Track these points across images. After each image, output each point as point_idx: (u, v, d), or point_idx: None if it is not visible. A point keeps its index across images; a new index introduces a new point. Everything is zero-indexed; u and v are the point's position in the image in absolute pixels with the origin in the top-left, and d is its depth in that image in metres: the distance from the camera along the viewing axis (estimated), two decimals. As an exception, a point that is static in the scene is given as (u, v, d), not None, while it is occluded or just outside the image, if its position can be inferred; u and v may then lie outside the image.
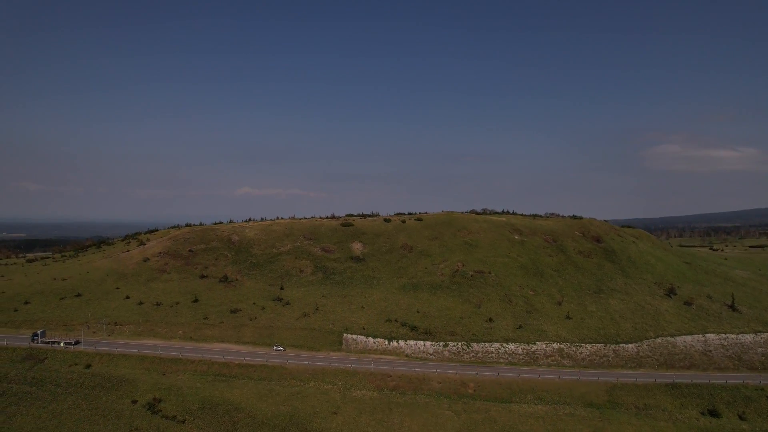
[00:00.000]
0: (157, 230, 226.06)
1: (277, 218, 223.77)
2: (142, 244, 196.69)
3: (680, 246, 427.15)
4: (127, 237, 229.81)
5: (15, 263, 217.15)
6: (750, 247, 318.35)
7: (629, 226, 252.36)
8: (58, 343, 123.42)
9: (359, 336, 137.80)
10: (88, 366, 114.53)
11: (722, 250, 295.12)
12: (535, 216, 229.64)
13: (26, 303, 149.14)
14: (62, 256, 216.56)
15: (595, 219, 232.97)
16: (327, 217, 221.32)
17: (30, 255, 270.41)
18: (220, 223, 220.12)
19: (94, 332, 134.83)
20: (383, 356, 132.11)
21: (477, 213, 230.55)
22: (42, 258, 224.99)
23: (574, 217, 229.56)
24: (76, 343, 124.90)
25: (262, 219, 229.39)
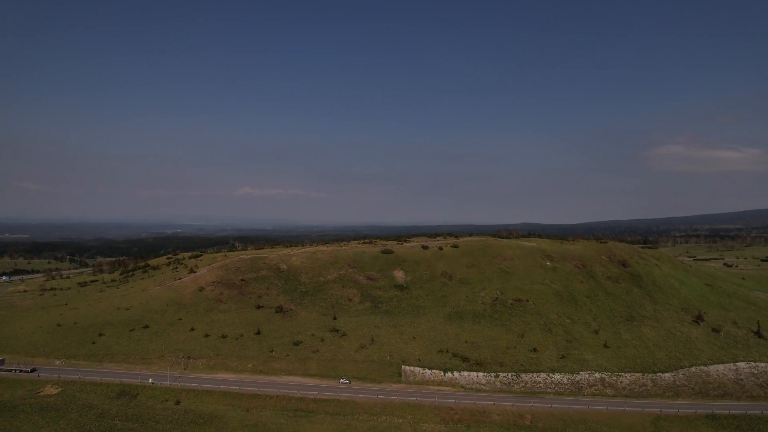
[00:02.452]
0: (201, 255, 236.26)
1: (320, 245, 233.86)
2: (192, 271, 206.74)
3: (691, 258, 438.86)
4: (170, 261, 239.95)
5: (69, 288, 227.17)
6: (762, 261, 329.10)
7: (648, 246, 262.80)
8: (16, 370, 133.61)
9: (416, 368, 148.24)
10: (178, 402, 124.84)
11: (737, 266, 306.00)
12: (562, 240, 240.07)
13: (100, 335, 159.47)
14: (113, 281, 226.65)
15: (618, 242, 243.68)
16: (364, 242, 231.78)
17: (69, 273, 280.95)
18: (263, 248, 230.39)
19: (170, 366, 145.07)
20: (440, 388, 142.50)
21: (503, 236, 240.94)
22: (92, 281, 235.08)
23: (599, 240, 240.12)
24: (32, 370, 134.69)
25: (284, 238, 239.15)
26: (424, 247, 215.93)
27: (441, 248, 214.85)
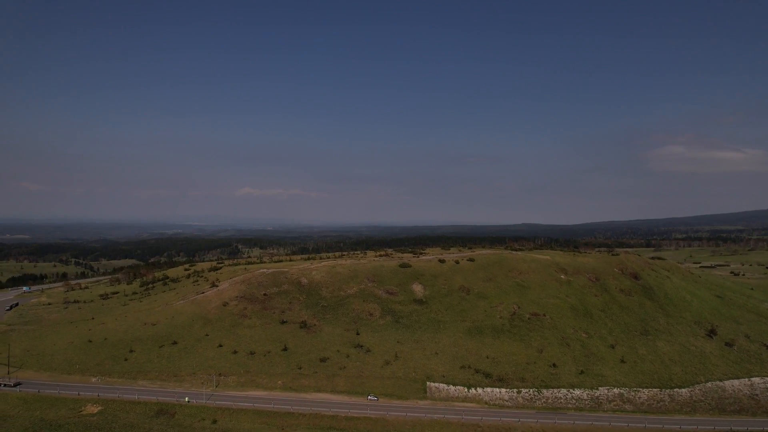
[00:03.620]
0: (220, 267, 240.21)
1: (339, 255, 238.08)
2: (214, 285, 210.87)
3: (696, 264, 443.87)
4: (189, 273, 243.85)
5: (92, 300, 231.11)
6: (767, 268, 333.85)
7: (659, 257, 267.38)
8: (2, 384, 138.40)
9: (441, 384, 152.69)
10: (215, 421, 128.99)
11: (743, 274, 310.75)
12: (574, 253, 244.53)
13: (131, 351, 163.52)
14: (134, 293, 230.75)
15: (629, 254, 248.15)
16: (380, 254, 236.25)
17: (87, 282, 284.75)
18: (281, 261, 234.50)
19: (202, 383, 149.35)
20: (465, 404, 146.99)
21: (516, 248, 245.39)
22: (112, 293, 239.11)
23: (610, 251, 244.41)
24: (16, 384, 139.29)
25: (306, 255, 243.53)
26: (441, 261, 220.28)
27: (457, 262, 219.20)
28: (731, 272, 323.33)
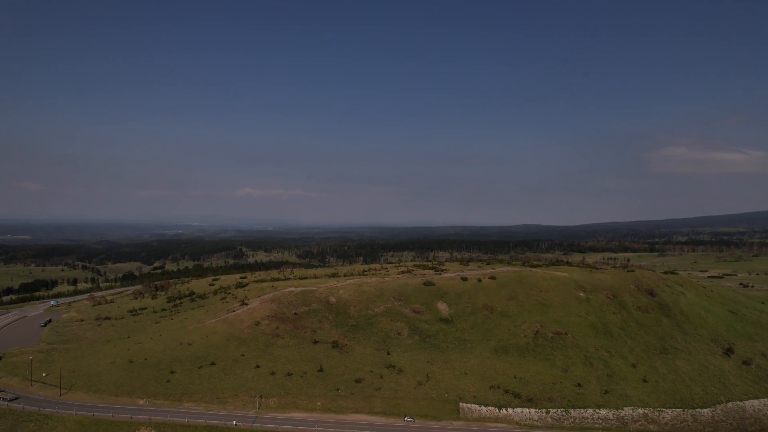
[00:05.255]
0: (246, 284, 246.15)
1: (364, 272, 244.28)
2: (244, 303, 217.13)
3: (703, 272, 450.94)
4: (216, 290, 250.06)
5: (122, 317, 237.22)
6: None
7: (671, 272, 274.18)
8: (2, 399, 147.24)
9: (473, 405, 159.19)
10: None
11: (752, 285, 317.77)
12: (591, 269, 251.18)
13: (172, 372, 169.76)
14: (163, 310, 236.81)
15: (644, 270, 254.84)
16: (403, 271, 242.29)
17: (111, 295, 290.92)
18: (306, 278, 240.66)
19: (244, 405, 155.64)
20: (497, 424, 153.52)
21: (534, 264, 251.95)
22: (140, 309, 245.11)
23: (626, 268, 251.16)
24: (12, 399, 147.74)
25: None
26: (463, 279, 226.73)
27: (479, 280, 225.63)
28: (740, 283, 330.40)
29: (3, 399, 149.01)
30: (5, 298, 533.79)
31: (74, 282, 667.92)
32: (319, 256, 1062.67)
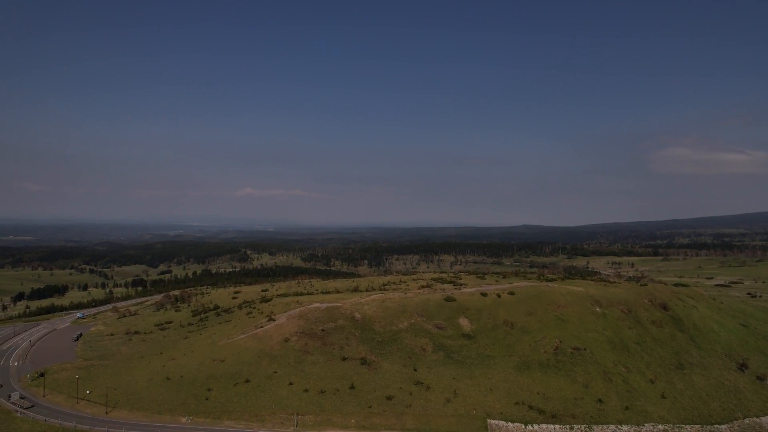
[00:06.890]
0: (270, 299, 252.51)
1: (384, 286, 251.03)
2: (271, 319, 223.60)
3: (709, 279, 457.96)
4: (240, 304, 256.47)
5: (151, 331, 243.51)
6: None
7: (683, 284, 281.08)
8: (20, 406, 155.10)
9: (501, 421, 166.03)
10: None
11: (760, 295, 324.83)
12: (605, 283, 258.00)
13: (209, 390, 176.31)
14: (190, 324, 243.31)
15: (657, 283, 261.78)
16: (423, 286, 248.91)
17: (132, 306, 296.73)
18: (329, 293, 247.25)
19: (282, 423, 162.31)
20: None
21: (550, 278, 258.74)
22: (166, 322, 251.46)
23: (639, 282, 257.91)
24: (28, 407, 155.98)
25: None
26: (483, 294, 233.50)
27: (499, 295, 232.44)
28: (748, 293, 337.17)
29: (21, 407, 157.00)
30: (19, 304, 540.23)
31: (84, 287, 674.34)
32: (324, 259, 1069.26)
